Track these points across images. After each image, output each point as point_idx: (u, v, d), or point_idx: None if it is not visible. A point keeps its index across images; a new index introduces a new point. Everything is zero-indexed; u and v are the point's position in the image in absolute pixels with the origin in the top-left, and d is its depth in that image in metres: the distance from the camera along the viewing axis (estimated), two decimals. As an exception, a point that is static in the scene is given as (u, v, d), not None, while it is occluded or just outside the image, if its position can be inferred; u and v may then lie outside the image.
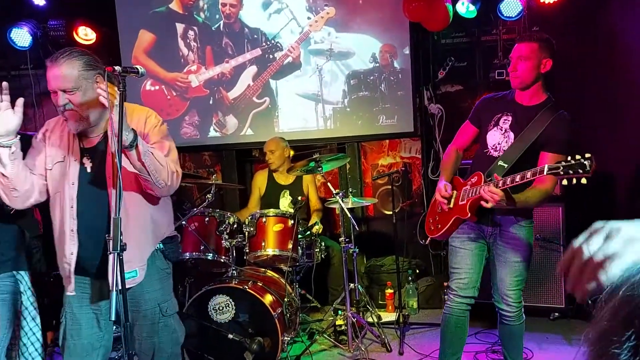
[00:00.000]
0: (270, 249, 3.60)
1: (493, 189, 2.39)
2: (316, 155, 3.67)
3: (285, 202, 4.34)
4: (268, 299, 3.38)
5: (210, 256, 3.53)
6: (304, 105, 4.80)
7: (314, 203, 4.37)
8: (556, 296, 3.90)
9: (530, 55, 2.52)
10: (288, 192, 4.37)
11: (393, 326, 3.96)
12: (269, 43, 4.79)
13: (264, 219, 3.64)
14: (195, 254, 3.53)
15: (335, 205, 3.83)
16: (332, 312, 3.94)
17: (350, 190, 4.34)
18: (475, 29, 4.55)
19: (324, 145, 4.97)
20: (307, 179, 4.39)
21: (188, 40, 4.91)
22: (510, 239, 2.64)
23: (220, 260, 3.58)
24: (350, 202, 3.78)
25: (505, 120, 2.64)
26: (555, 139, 2.50)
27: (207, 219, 3.60)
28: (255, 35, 4.81)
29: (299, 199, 4.20)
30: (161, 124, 2.26)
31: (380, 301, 4.50)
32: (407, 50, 4.59)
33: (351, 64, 4.70)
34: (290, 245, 3.59)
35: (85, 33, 4.69)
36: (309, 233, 3.84)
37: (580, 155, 2.12)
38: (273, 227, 3.62)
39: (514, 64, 2.57)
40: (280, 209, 4.10)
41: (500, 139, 2.65)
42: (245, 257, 3.70)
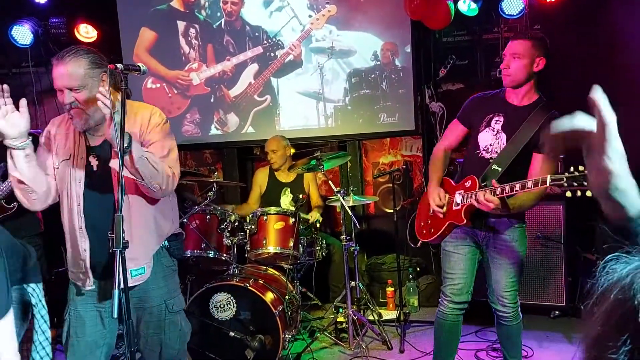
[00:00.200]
0: (271, 247, 3.60)
1: (489, 197, 2.37)
2: (317, 154, 3.68)
3: (286, 200, 4.35)
4: (269, 296, 3.39)
5: (211, 254, 3.54)
6: (305, 103, 4.80)
7: (315, 201, 4.38)
8: (557, 294, 3.91)
9: (523, 52, 2.49)
10: (289, 190, 4.38)
11: (394, 324, 3.97)
12: (270, 41, 4.79)
13: (265, 217, 3.64)
14: (197, 252, 3.54)
15: (336, 203, 3.84)
16: (333, 310, 3.95)
17: (351, 189, 4.35)
18: (476, 27, 4.54)
19: (325, 143, 4.97)
20: (308, 177, 4.39)
21: (189, 38, 4.91)
22: (504, 241, 2.63)
23: (222, 258, 3.58)
24: (351, 200, 3.79)
25: (497, 121, 2.61)
26: None
27: (209, 216, 3.61)
28: (257, 33, 4.81)
29: (299, 196, 4.21)
30: (164, 123, 2.26)
31: (381, 299, 4.50)
32: (409, 49, 4.58)
33: (352, 62, 4.70)
34: (291, 243, 3.60)
35: (87, 31, 4.68)
36: (307, 228, 3.85)
37: (584, 167, 2.06)
38: (274, 225, 3.63)
39: (506, 61, 2.54)
40: (281, 207, 4.11)
41: (492, 140, 2.61)
42: (246, 255, 3.71)
